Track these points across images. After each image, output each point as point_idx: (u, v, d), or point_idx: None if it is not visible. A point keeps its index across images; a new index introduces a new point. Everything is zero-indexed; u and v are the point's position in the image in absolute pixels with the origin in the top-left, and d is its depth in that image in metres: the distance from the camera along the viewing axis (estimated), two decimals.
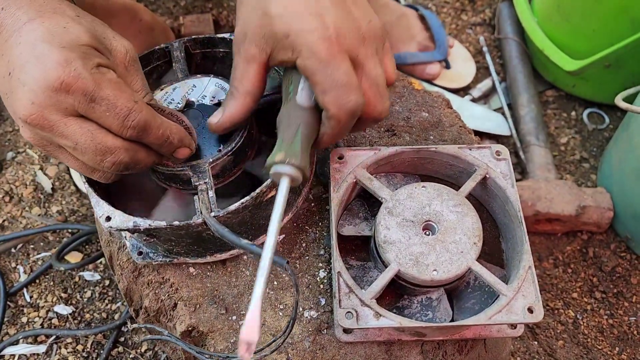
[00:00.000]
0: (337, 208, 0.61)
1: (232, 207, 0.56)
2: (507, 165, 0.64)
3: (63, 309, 0.99)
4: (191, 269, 0.64)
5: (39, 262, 1.04)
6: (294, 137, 0.52)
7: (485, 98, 1.26)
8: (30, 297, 1.01)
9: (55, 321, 0.98)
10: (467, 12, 1.40)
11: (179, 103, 0.64)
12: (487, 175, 0.63)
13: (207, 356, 0.57)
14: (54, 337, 0.95)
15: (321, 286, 0.63)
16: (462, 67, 1.27)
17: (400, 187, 0.67)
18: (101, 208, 0.58)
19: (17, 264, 1.04)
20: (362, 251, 0.66)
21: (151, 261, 0.63)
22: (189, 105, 0.64)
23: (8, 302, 1.00)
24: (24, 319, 0.99)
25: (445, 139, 0.72)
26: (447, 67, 1.25)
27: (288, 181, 0.51)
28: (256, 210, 0.59)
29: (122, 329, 0.97)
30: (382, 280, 0.57)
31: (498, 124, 1.19)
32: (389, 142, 0.72)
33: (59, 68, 0.46)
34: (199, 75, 0.66)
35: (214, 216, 0.55)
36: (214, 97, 0.64)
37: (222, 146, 0.60)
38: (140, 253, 0.63)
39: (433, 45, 1.23)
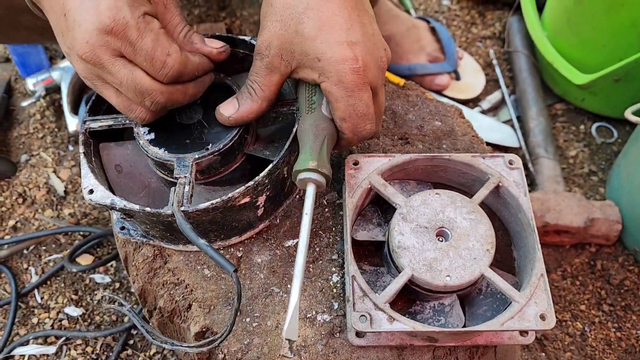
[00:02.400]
0: (352, 213, 0.62)
1: (202, 205, 0.57)
2: (520, 174, 0.64)
3: (73, 311, 1.00)
4: (206, 271, 0.65)
5: (51, 264, 1.05)
6: (322, 146, 0.56)
7: (494, 110, 1.27)
8: (41, 298, 1.01)
9: (65, 322, 0.99)
10: (477, 26, 1.42)
11: None
12: (500, 184, 0.64)
13: (154, 337, 0.60)
14: (63, 338, 0.96)
15: (334, 290, 0.63)
16: (472, 78, 1.28)
17: (413, 194, 0.68)
18: (87, 180, 0.61)
19: (29, 265, 1.05)
20: (375, 256, 0.67)
21: (130, 237, 0.67)
22: None
23: (19, 303, 1.01)
24: (35, 320, 0.99)
25: (457, 148, 0.73)
26: (457, 78, 1.26)
27: (315, 187, 0.56)
28: (228, 213, 0.60)
29: (132, 331, 0.98)
30: (396, 284, 0.57)
31: (507, 136, 1.20)
32: (403, 150, 0.73)
33: (109, 13, 0.50)
34: None
35: (183, 210, 0.57)
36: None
37: (210, 145, 0.61)
38: (122, 228, 0.67)
39: (443, 57, 1.24)
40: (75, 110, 1.20)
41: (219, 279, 0.64)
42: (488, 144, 1.19)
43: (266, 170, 0.59)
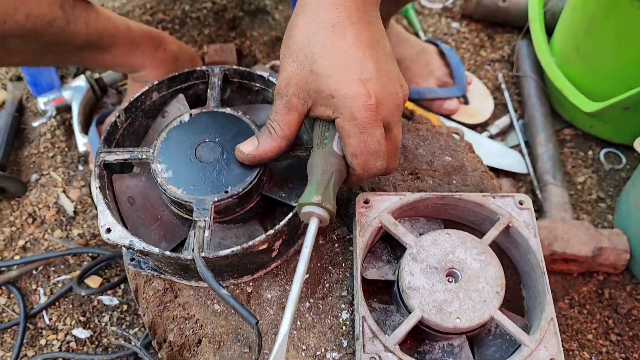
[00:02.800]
0: (362, 252, 0.63)
1: (223, 252, 0.58)
2: (530, 215, 0.65)
3: (81, 333, 1.00)
4: (216, 306, 0.65)
5: (59, 285, 1.05)
6: (329, 182, 0.56)
7: (502, 135, 1.27)
8: (50, 319, 1.02)
9: (73, 344, 0.99)
10: (486, 49, 1.42)
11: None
12: (510, 224, 0.64)
13: None
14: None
15: (343, 328, 0.64)
16: (481, 103, 1.28)
17: (423, 231, 0.69)
18: (104, 218, 0.61)
19: (37, 286, 1.05)
20: (384, 293, 0.67)
21: (140, 270, 0.67)
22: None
23: (28, 324, 1.01)
24: (43, 341, 1.00)
25: (467, 184, 0.73)
26: (466, 102, 1.26)
27: (317, 222, 0.56)
28: (245, 257, 0.61)
29: (139, 355, 0.98)
30: (406, 326, 0.58)
31: (515, 162, 1.20)
32: (412, 185, 0.73)
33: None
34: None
35: (204, 257, 0.57)
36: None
37: (230, 187, 0.62)
38: (132, 259, 0.68)
39: (452, 81, 1.24)
40: (85, 130, 1.21)
41: (229, 315, 0.64)
42: (496, 169, 1.19)
43: (286, 219, 0.60)
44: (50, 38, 0.79)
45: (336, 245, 0.69)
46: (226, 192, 0.62)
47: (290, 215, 0.60)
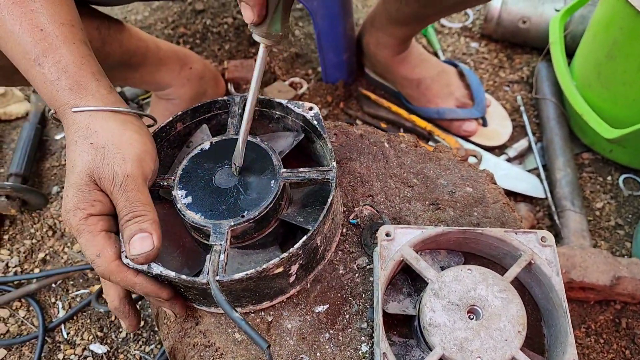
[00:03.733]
0: (384, 286, 0.63)
1: (237, 275, 0.58)
2: (553, 253, 0.64)
3: (98, 348, 1.01)
4: (237, 335, 0.66)
5: (78, 299, 1.07)
6: (276, 7, 0.58)
7: (520, 158, 1.27)
8: (68, 333, 1.03)
9: None
10: (505, 70, 1.42)
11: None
12: (532, 261, 0.64)
13: None
14: None
15: None
16: (499, 125, 1.28)
17: (444, 264, 0.69)
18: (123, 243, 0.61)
19: (56, 300, 1.07)
20: (404, 326, 0.67)
21: None
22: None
23: (46, 338, 1.02)
24: (60, 356, 1.01)
25: (488, 216, 0.73)
26: (484, 124, 1.26)
27: (264, 47, 0.63)
28: (261, 281, 0.61)
29: None
30: None
31: (533, 186, 1.20)
32: (433, 216, 0.73)
33: (63, 215, 0.60)
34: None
35: (218, 280, 0.58)
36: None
37: (246, 212, 0.63)
38: None
39: (471, 103, 1.24)
40: None
41: (250, 344, 0.65)
42: (513, 193, 1.19)
43: (300, 242, 0.60)
44: None
45: (356, 275, 0.70)
46: (242, 216, 0.62)
47: (304, 238, 0.60)
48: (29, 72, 0.63)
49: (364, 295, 0.68)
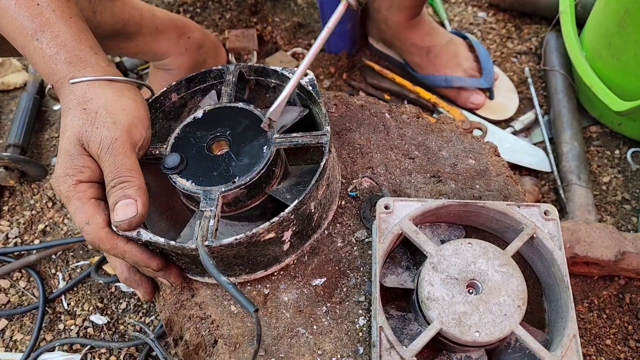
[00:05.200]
0: (382, 260, 0.62)
1: (226, 240, 0.57)
2: (556, 227, 0.63)
3: (98, 319, 1.01)
4: (232, 307, 0.65)
5: (78, 270, 1.06)
6: None
7: (526, 131, 1.24)
8: (68, 304, 1.03)
9: (90, 330, 1.01)
10: (513, 40, 1.38)
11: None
12: (535, 235, 0.62)
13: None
14: (88, 347, 0.98)
15: (360, 334, 0.63)
16: (505, 98, 1.25)
17: (444, 237, 0.67)
18: None
19: (56, 271, 1.07)
20: (402, 300, 0.66)
21: None
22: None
23: (47, 308, 1.03)
24: (61, 326, 1.01)
25: (491, 189, 0.72)
26: (491, 97, 1.23)
27: (345, 4, 0.66)
28: (253, 248, 0.60)
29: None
30: (424, 338, 0.57)
31: (539, 159, 1.18)
32: (434, 189, 0.72)
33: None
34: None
35: (207, 245, 0.57)
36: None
37: (237, 178, 0.61)
38: None
39: (479, 75, 1.21)
40: None
41: (246, 316, 0.64)
42: (519, 166, 1.17)
43: (291, 206, 0.59)
44: None
45: (355, 248, 0.68)
46: (234, 182, 0.61)
47: (296, 202, 0.59)
48: (26, 48, 0.62)
49: (362, 269, 0.67)
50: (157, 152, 0.66)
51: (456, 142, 0.76)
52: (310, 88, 0.68)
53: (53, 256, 1.08)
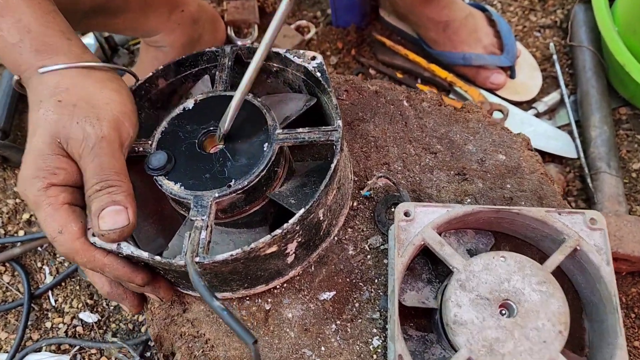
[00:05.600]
0: (401, 275, 0.53)
1: (220, 257, 0.49)
2: (603, 238, 0.54)
3: (88, 317, 0.94)
4: None
5: (66, 264, 0.99)
6: None
7: (550, 112, 1.15)
8: (55, 300, 0.96)
9: (80, 329, 0.94)
10: (537, 13, 1.27)
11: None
12: (578, 248, 0.54)
13: None
14: (77, 347, 0.91)
15: (374, 357, 0.55)
16: (528, 77, 1.15)
17: (471, 246, 0.59)
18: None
19: (43, 264, 0.99)
20: (422, 317, 0.58)
21: None
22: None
23: (32, 305, 0.96)
24: (48, 324, 0.94)
25: (524, 189, 0.63)
26: (512, 76, 1.14)
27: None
28: (251, 262, 0.52)
29: (149, 343, 0.92)
30: None
31: (564, 144, 1.09)
32: (459, 188, 0.63)
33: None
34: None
35: (198, 262, 0.48)
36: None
37: (233, 181, 0.53)
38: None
39: (500, 52, 1.11)
40: None
41: None
42: (542, 152, 1.07)
43: (296, 216, 0.50)
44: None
45: (368, 257, 0.60)
46: (229, 186, 0.53)
47: (301, 212, 0.51)
48: None
49: (376, 281, 0.59)
50: (141, 148, 0.57)
51: (484, 134, 0.67)
52: (318, 74, 0.59)
53: (39, 248, 1.00)
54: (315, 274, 0.59)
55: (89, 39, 1.15)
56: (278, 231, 0.50)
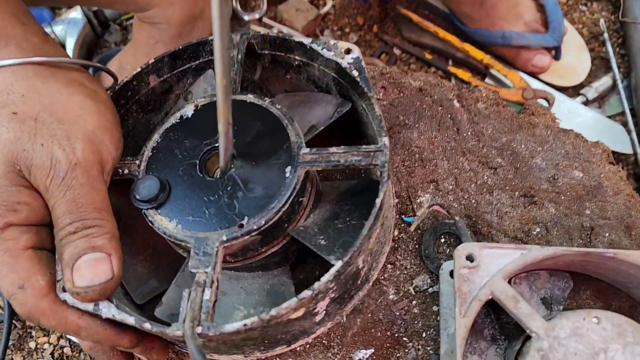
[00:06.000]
0: (464, 342, 0.41)
1: (230, 327, 0.37)
2: None
3: None
4: None
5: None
6: None
7: (600, 100, 1.01)
8: None
9: (67, 350, 0.83)
10: None
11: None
12: None
13: None
14: None
15: None
16: (575, 59, 1.01)
17: (545, 294, 0.47)
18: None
19: None
20: None
21: None
22: None
23: (14, 322, 0.84)
24: (32, 344, 0.83)
25: (607, 216, 0.50)
26: (556, 57, 1.00)
27: None
28: (270, 328, 0.40)
29: None
30: None
31: (617, 137, 0.96)
32: (526, 215, 0.50)
33: None
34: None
35: (201, 334, 0.37)
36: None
37: (246, 219, 0.40)
38: None
39: (544, 29, 0.97)
40: None
41: None
42: None
43: (331, 272, 0.38)
44: None
45: (414, 303, 0.48)
46: (241, 225, 0.40)
47: (339, 265, 0.38)
48: None
49: (424, 334, 0.47)
50: (126, 170, 0.45)
51: (554, 144, 0.54)
52: (355, 73, 0.46)
53: None
54: (348, 325, 0.47)
55: (76, 13, 1.01)
56: (307, 293, 0.37)
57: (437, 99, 0.55)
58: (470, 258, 0.43)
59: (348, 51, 0.47)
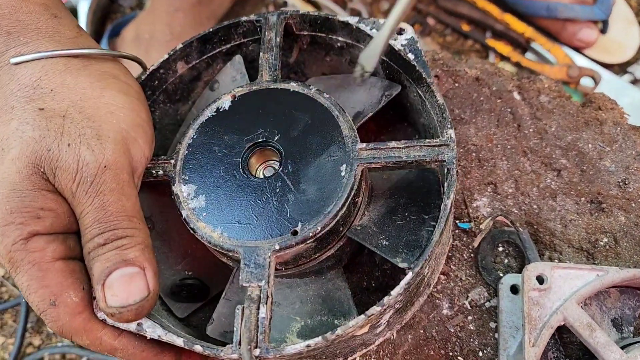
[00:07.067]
0: None
1: (291, 348, 0.34)
2: None
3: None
4: None
5: None
6: None
7: None
8: None
9: None
10: None
11: None
12: None
13: None
14: (85, 358, 0.78)
15: None
16: (622, 33, 0.95)
17: (615, 312, 0.43)
18: None
19: None
20: None
21: None
22: None
23: None
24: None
25: None
26: (604, 31, 0.93)
27: None
28: (331, 346, 0.37)
29: None
30: None
31: None
32: (593, 223, 0.46)
33: None
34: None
35: (259, 356, 0.34)
36: None
37: (300, 225, 0.37)
38: None
39: (591, 2, 0.90)
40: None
41: None
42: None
43: (403, 283, 0.35)
44: None
45: (469, 318, 0.44)
46: (295, 232, 0.37)
47: (409, 277, 0.35)
48: None
49: (480, 354, 0.44)
50: (161, 171, 0.40)
51: (624, 144, 0.49)
52: (410, 56, 0.41)
53: None
54: (399, 343, 0.44)
55: None
56: (376, 309, 0.34)
57: (496, 91, 0.50)
58: (540, 279, 0.39)
59: (400, 31, 0.42)
